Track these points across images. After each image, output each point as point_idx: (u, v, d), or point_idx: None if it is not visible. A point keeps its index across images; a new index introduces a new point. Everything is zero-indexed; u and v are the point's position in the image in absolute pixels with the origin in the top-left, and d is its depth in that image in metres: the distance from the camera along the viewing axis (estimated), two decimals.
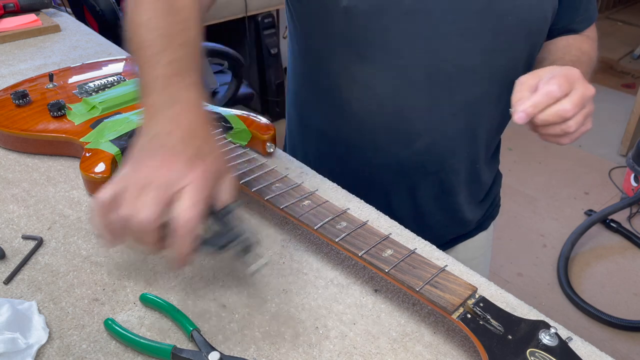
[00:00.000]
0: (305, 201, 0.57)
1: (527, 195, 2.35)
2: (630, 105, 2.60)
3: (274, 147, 0.73)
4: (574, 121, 0.57)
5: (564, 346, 0.42)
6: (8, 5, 1.23)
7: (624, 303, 1.81)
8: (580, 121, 0.58)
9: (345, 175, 0.71)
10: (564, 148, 2.67)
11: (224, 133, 0.71)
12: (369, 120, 0.75)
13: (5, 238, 0.59)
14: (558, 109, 0.56)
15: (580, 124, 0.58)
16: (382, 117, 0.74)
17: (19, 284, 0.53)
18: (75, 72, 0.89)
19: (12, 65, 1.02)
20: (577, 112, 0.57)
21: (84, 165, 0.65)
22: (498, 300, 0.50)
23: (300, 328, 0.49)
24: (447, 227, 0.86)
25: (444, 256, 0.58)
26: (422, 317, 0.51)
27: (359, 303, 0.52)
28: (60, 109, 0.74)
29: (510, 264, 1.99)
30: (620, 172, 2.46)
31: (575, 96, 0.56)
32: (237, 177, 0.60)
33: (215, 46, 2.32)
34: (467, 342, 0.48)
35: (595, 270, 1.96)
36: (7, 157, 0.73)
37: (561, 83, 0.56)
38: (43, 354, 0.47)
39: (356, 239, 0.51)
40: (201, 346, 0.46)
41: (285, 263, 0.57)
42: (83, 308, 0.51)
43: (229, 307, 0.51)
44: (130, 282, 0.54)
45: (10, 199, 0.65)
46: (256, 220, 0.62)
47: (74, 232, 0.60)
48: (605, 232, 2.12)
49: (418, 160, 0.76)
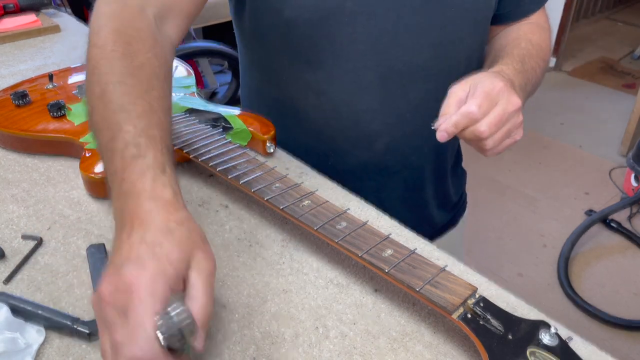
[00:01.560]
0: (305, 201, 0.56)
1: (527, 195, 2.35)
2: (630, 105, 2.60)
3: (274, 147, 0.73)
4: (491, 140, 0.58)
5: (564, 346, 0.42)
6: (8, 6, 1.23)
7: (624, 303, 1.81)
8: (499, 139, 0.59)
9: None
10: (564, 148, 2.67)
11: (224, 133, 0.71)
12: (326, 127, 0.75)
13: (5, 238, 0.59)
14: (473, 130, 0.57)
15: (498, 142, 0.59)
16: (339, 121, 0.74)
17: (19, 284, 0.53)
18: (75, 73, 0.89)
19: (11, 65, 1.02)
20: (494, 132, 0.57)
21: (83, 165, 0.65)
22: (498, 300, 0.50)
23: (300, 328, 0.49)
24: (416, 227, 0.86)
25: (444, 256, 0.58)
26: (422, 317, 0.51)
27: (359, 303, 0.52)
28: (60, 109, 0.74)
29: (510, 264, 1.99)
30: (621, 172, 2.46)
31: (493, 116, 0.57)
32: (236, 177, 0.60)
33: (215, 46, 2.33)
34: (467, 342, 0.48)
35: (595, 270, 1.96)
36: (7, 157, 0.73)
37: (480, 104, 0.56)
38: (43, 354, 0.46)
39: (356, 239, 0.51)
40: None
41: (285, 263, 0.57)
42: (83, 308, 0.51)
43: (229, 307, 0.51)
44: None
45: (10, 199, 0.65)
46: (256, 220, 0.62)
47: (74, 232, 0.60)
48: (605, 232, 2.12)
49: (380, 161, 0.76)
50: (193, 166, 0.71)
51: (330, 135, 0.75)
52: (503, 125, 0.58)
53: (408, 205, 0.82)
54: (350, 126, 0.74)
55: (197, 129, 0.69)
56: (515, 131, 0.60)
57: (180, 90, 0.82)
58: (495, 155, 0.61)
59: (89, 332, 0.47)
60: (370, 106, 0.72)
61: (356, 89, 0.70)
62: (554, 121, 2.90)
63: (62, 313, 0.49)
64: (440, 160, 0.83)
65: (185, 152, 0.65)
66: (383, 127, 0.74)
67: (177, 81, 0.85)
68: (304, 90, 0.73)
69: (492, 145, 0.59)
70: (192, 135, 0.67)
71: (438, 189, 0.86)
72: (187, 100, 0.78)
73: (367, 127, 0.73)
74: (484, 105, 0.56)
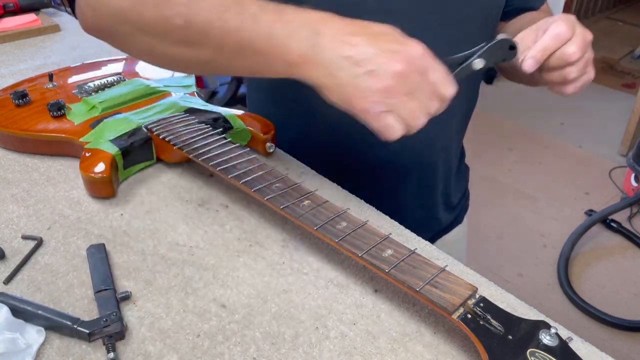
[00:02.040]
0: (305, 201, 0.56)
1: (527, 195, 2.35)
2: (630, 105, 2.59)
3: (274, 147, 0.73)
4: (576, 67, 0.56)
5: (564, 346, 0.42)
6: (8, 5, 1.23)
7: (624, 303, 1.81)
8: (582, 67, 0.57)
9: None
10: (564, 148, 2.67)
11: (224, 133, 0.71)
12: (344, 126, 0.74)
13: (5, 238, 0.59)
14: (562, 52, 0.55)
15: (582, 70, 0.57)
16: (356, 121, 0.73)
17: (19, 284, 0.53)
18: (75, 72, 0.89)
19: (11, 65, 1.02)
20: (581, 56, 0.56)
21: (83, 165, 0.64)
22: (498, 300, 0.50)
23: (300, 328, 0.49)
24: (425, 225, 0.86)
25: (444, 256, 0.58)
26: (422, 317, 0.51)
27: (359, 303, 0.52)
28: (60, 109, 0.74)
29: (510, 264, 1.99)
30: (621, 172, 2.46)
31: (578, 39, 0.55)
32: (236, 177, 0.60)
33: None
34: (467, 342, 0.48)
35: (596, 270, 1.96)
36: (7, 157, 0.73)
37: (568, 25, 0.55)
38: (43, 354, 0.46)
39: (356, 239, 0.51)
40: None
41: (285, 263, 0.57)
42: (83, 308, 0.51)
43: (229, 307, 0.51)
44: (130, 282, 0.54)
45: (10, 199, 0.65)
46: (256, 220, 0.62)
47: (74, 232, 0.60)
48: (605, 232, 2.12)
49: (396, 159, 0.76)
50: (193, 166, 0.71)
51: (347, 135, 0.74)
52: (585, 51, 0.56)
53: (420, 203, 0.82)
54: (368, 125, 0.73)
55: (197, 129, 0.69)
56: (589, 67, 0.59)
57: (180, 90, 0.82)
58: (577, 92, 0.59)
59: (89, 332, 0.47)
60: None
61: None
62: (554, 121, 2.90)
63: (62, 313, 0.49)
64: (449, 156, 0.84)
65: (185, 152, 0.65)
66: None
67: (177, 81, 0.85)
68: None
69: (576, 73, 0.57)
70: (192, 135, 0.67)
71: (446, 186, 0.86)
72: (187, 100, 0.78)
73: None
74: (569, 28, 0.55)
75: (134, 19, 0.53)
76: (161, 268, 0.55)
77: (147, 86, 0.80)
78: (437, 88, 0.48)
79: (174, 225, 0.61)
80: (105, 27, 0.57)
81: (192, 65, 0.56)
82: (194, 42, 0.51)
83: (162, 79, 0.86)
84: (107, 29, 0.57)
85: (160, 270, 0.55)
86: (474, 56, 0.53)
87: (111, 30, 0.56)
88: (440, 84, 0.48)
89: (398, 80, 0.46)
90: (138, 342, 0.48)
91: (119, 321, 0.47)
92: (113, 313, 0.48)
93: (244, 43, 0.49)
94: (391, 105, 0.47)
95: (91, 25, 0.58)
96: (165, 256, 0.57)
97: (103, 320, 0.47)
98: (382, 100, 0.47)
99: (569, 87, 0.59)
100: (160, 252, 0.57)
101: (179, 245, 0.58)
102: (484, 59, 0.52)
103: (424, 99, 0.48)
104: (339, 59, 0.47)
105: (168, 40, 0.53)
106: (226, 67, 0.53)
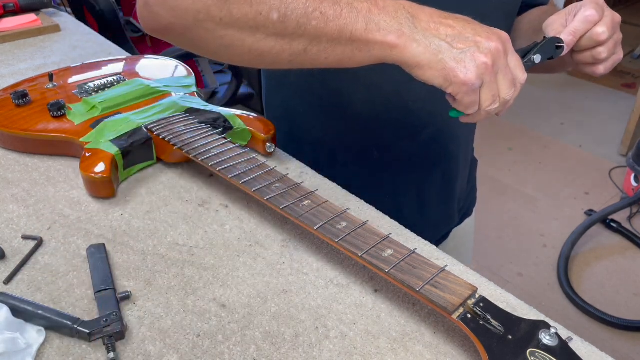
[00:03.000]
0: (305, 201, 0.56)
1: (527, 195, 2.35)
2: (630, 105, 2.60)
3: (274, 147, 0.73)
4: (606, 47, 0.58)
5: (564, 346, 0.42)
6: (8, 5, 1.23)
7: (624, 303, 1.81)
8: (612, 47, 0.59)
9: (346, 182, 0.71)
10: (564, 148, 2.67)
11: (224, 133, 0.71)
12: (374, 120, 0.74)
13: (5, 238, 0.59)
14: (592, 33, 0.57)
15: (612, 51, 0.59)
16: (388, 114, 0.74)
17: (19, 284, 0.53)
18: (75, 72, 0.89)
19: (11, 65, 1.02)
20: (610, 36, 0.58)
21: (83, 165, 0.65)
22: (498, 300, 0.50)
23: (300, 328, 0.49)
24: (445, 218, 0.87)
25: (444, 256, 0.58)
26: (422, 317, 0.51)
27: (359, 303, 0.52)
28: (60, 109, 0.74)
29: (510, 264, 1.99)
30: (621, 172, 2.46)
31: (607, 20, 0.57)
32: (237, 177, 0.60)
33: None
34: (467, 342, 0.48)
35: (596, 270, 1.96)
36: (7, 157, 0.73)
37: (597, 7, 0.57)
38: (43, 354, 0.46)
39: (356, 239, 0.51)
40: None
41: (285, 263, 0.57)
42: (83, 308, 0.51)
43: (229, 307, 0.51)
44: (130, 282, 0.54)
45: (10, 199, 0.65)
46: (256, 220, 0.62)
47: (74, 232, 0.60)
48: (605, 232, 2.12)
49: (423, 152, 0.76)
50: (193, 166, 0.71)
51: (377, 129, 0.75)
52: (615, 32, 0.59)
53: (444, 199, 0.83)
54: (399, 118, 0.74)
55: (197, 129, 0.69)
56: (618, 47, 0.61)
57: (180, 90, 0.82)
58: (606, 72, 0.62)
59: (89, 332, 0.47)
60: (419, 96, 0.72)
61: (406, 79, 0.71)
62: (554, 121, 2.90)
63: (62, 313, 0.49)
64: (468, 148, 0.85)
65: (185, 152, 0.65)
66: (429, 117, 0.74)
67: (177, 81, 0.85)
68: (353, 84, 0.72)
69: (606, 54, 0.59)
70: (192, 135, 0.67)
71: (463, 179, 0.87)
72: (187, 100, 0.78)
73: (415, 118, 0.74)
74: (598, 11, 0.57)
75: (220, 15, 0.52)
76: (161, 268, 0.55)
77: (147, 86, 0.80)
78: (515, 73, 0.51)
79: (174, 225, 0.61)
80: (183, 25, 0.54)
81: (281, 58, 0.55)
82: (289, 34, 0.52)
83: (162, 79, 0.86)
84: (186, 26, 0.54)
85: (160, 270, 0.55)
86: (532, 51, 0.56)
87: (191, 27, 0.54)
88: (516, 69, 0.51)
89: (493, 58, 0.49)
90: (138, 342, 0.48)
91: (119, 321, 0.48)
92: (113, 313, 0.48)
93: (342, 31, 0.50)
94: (485, 82, 0.50)
95: (166, 24, 0.55)
96: (165, 256, 0.57)
97: (103, 320, 0.47)
98: (481, 76, 0.49)
99: (599, 67, 0.61)
100: (160, 252, 0.57)
101: (179, 245, 0.58)
102: (540, 55, 0.56)
103: (506, 82, 0.51)
104: (440, 37, 0.49)
105: (260, 34, 0.52)
106: (317, 57, 0.54)
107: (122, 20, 2.24)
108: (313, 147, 0.81)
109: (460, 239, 0.94)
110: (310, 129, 0.80)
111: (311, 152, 0.82)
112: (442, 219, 0.86)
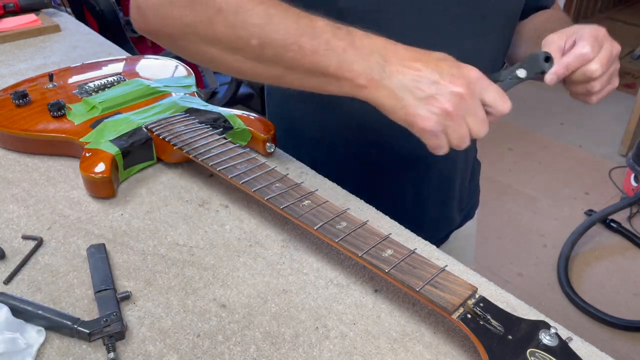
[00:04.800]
0: (305, 201, 0.56)
1: (527, 195, 2.35)
2: (630, 105, 2.60)
3: (274, 147, 0.73)
4: (599, 82, 0.59)
5: (564, 346, 0.42)
6: (8, 5, 1.23)
7: (624, 303, 1.81)
8: (606, 80, 0.60)
9: (344, 180, 0.71)
10: (564, 148, 2.67)
11: (224, 133, 0.71)
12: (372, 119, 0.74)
13: (5, 238, 0.59)
14: (585, 69, 0.58)
15: (605, 83, 0.60)
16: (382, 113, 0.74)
17: (19, 284, 0.53)
18: (75, 72, 0.89)
19: (12, 65, 1.02)
20: (604, 72, 0.58)
21: (83, 165, 0.65)
22: (498, 300, 0.50)
23: (300, 328, 0.49)
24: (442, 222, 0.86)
25: (444, 256, 0.58)
26: (422, 317, 0.51)
27: (359, 303, 0.52)
28: (60, 109, 0.74)
29: (510, 264, 1.99)
30: (621, 172, 2.46)
31: (602, 56, 0.58)
32: (237, 177, 0.60)
33: None
34: (467, 342, 0.48)
35: (595, 270, 1.96)
36: (7, 157, 0.73)
37: (593, 45, 0.57)
38: (43, 354, 0.46)
39: (356, 239, 0.51)
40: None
41: (285, 263, 0.57)
42: (83, 308, 0.51)
43: (229, 307, 0.51)
44: (130, 282, 0.54)
45: (10, 199, 0.65)
46: (256, 220, 0.62)
47: (74, 232, 0.60)
48: (605, 232, 2.12)
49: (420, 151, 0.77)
50: (193, 166, 0.71)
51: (375, 128, 0.75)
52: (610, 66, 0.59)
53: (440, 199, 0.83)
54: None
55: (197, 129, 0.69)
56: (614, 77, 0.62)
57: (180, 90, 0.82)
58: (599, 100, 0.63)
59: (89, 332, 0.47)
60: None
61: None
62: (554, 121, 2.90)
63: (62, 313, 0.49)
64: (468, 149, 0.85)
65: (185, 152, 0.65)
66: None
67: (177, 81, 0.85)
68: None
69: (599, 87, 0.60)
70: (192, 135, 0.67)
71: (463, 181, 0.87)
72: (187, 100, 0.78)
73: None
74: (595, 47, 0.58)
75: (205, 33, 0.55)
76: (161, 268, 0.55)
77: (147, 86, 0.80)
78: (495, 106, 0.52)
79: (174, 225, 0.61)
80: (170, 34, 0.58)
81: (260, 78, 0.59)
82: (266, 61, 0.55)
83: (162, 79, 0.86)
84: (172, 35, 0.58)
85: (160, 270, 0.55)
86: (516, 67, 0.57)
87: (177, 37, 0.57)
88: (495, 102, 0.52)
89: (457, 103, 0.50)
90: (138, 342, 0.48)
91: (119, 321, 0.48)
92: (113, 313, 0.48)
93: (316, 66, 0.53)
94: (448, 126, 0.51)
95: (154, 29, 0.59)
96: (165, 256, 0.57)
97: (103, 320, 0.47)
98: (441, 122, 0.50)
99: (592, 98, 0.62)
100: (160, 252, 0.57)
101: (179, 245, 0.58)
102: (525, 70, 0.57)
103: (476, 122, 0.51)
104: (404, 83, 0.50)
105: (239, 56, 0.55)
106: (292, 83, 0.57)
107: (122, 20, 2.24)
108: (312, 144, 0.81)
109: (461, 241, 0.94)
110: (309, 127, 0.81)
111: (310, 150, 0.82)
112: (441, 219, 0.86)
